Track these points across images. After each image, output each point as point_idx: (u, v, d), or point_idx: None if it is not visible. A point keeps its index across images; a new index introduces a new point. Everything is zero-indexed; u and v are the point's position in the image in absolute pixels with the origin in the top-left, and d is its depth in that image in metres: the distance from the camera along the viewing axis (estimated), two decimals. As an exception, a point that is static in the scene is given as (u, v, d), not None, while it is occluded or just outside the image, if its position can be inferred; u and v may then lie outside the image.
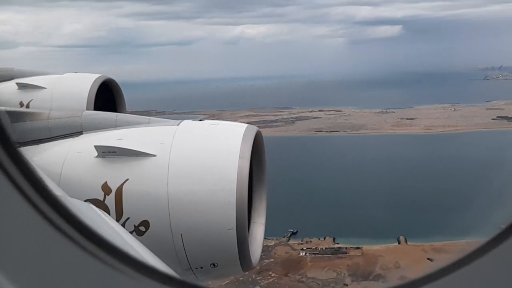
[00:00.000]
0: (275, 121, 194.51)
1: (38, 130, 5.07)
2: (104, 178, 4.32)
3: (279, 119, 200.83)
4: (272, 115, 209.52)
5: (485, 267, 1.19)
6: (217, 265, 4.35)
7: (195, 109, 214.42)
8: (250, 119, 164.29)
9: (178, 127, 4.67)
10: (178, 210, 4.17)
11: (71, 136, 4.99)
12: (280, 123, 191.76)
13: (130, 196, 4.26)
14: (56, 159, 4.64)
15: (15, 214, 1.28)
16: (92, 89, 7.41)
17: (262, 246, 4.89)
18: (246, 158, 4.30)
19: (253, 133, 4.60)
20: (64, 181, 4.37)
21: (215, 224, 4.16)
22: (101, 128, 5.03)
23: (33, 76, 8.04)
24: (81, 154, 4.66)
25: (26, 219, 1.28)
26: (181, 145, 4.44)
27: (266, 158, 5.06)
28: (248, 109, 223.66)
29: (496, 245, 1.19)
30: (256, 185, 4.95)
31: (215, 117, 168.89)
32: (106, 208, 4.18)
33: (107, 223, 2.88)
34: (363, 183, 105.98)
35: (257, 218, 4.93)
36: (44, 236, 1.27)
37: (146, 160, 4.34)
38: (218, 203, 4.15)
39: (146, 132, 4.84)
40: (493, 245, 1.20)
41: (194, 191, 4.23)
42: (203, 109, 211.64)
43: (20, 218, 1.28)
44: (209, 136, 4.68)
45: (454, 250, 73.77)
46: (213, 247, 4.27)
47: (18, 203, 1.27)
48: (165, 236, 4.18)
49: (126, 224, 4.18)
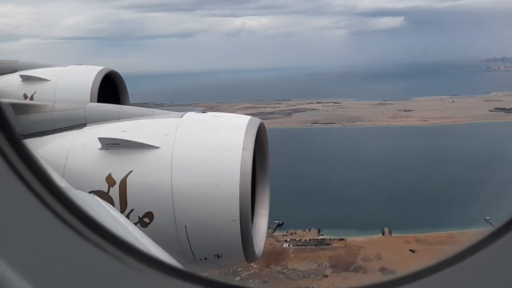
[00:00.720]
0: (272, 113, 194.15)
1: (42, 122, 5.13)
2: (108, 170, 4.35)
3: (276, 111, 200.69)
4: (270, 107, 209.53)
5: (483, 262, 1.19)
6: (221, 256, 4.39)
7: (194, 101, 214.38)
8: (248, 111, 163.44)
9: (182, 119, 4.69)
10: (182, 202, 4.20)
11: (75, 128, 5.03)
12: (277, 115, 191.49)
13: (134, 187, 4.29)
14: (60, 151, 4.68)
15: (20, 206, 1.28)
16: (96, 81, 7.42)
17: (265, 237, 4.92)
18: (249, 150, 4.32)
19: (256, 125, 4.63)
20: (69, 173, 4.42)
21: (218, 216, 4.20)
22: (104, 120, 5.06)
23: (36, 68, 8.08)
24: (85, 146, 4.69)
25: (31, 211, 1.28)
26: (185, 137, 4.47)
27: (269, 150, 5.10)
28: (247, 101, 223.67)
29: (494, 240, 1.19)
30: (259, 177, 4.98)
31: (213, 109, 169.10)
32: (111, 199, 4.21)
33: (111, 214, 2.89)
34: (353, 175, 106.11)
35: (260, 210, 4.96)
36: (49, 228, 1.28)
37: (150, 152, 4.36)
38: (222, 195, 4.17)
39: (150, 124, 4.86)
40: (492, 240, 1.20)
41: (198, 183, 4.27)
42: (201, 101, 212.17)
43: (25, 210, 1.29)
44: (212, 128, 4.71)
45: (436, 241, 73.99)
46: (217, 238, 4.29)
47: (23, 195, 1.27)
48: (169, 227, 4.20)
49: (130, 216, 4.21)
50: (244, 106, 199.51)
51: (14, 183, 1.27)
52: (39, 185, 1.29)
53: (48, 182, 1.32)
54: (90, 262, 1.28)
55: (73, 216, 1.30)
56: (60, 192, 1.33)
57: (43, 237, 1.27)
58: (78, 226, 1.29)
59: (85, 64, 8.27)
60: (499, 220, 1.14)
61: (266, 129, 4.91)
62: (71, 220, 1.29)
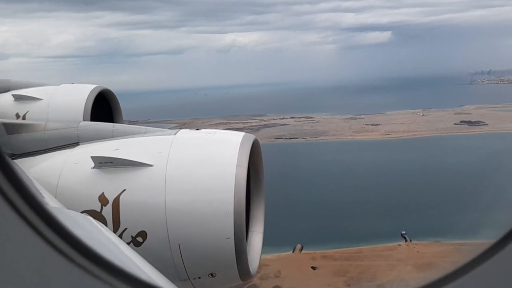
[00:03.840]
0: (242, 129, 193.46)
1: (35, 142, 5.09)
2: (101, 189, 4.32)
3: (246, 126, 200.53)
4: (242, 122, 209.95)
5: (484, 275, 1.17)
6: (215, 275, 4.33)
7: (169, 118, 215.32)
8: (219, 127, 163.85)
9: (175, 137, 4.67)
10: (175, 220, 4.15)
11: (68, 147, 4.99)
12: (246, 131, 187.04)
13: (127, 206, 4.24)
14: (52, 171, 4.64)
15: (5, 227, 1.25)
16: (89, 100, 7.39)
17: (260, 254, 4.85)
18: (244, 166, 4.28)
19: (250, 142, 4.60)
20: (61, 193, 4.39)
21: (213, 234, 4.15)
22: (98, 139, 5.03)
23: (29, 87, 8.03)
24: (77, 165, 4.64)
25: (17, 232, 1.25)
26: (178, 155, 4.43)
27: (264, 166, 5.07)
28: (221, 117, 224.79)
29: (495, 253, 1.18)
30: (254, 194, 4.95)
31: (185, 125, 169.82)
32: (103, 219, 4.17)
33: (104, 234, 2.86)
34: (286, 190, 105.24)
35: (255, 227, 4.91)
36: (34, 250, 1.24)
37: (143, 170, 4.33)
38: (216, 213, 4.12)
39: (143, 142, 4.82)
40: (493, 252, 1.18)
41: (192, 201, 4.21)
42: (177, 118, 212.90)
43: (10, 231, 1.25)
44: (206, 145, 4.66)
45: (343, 257, 72.91)
46: (211, 257, 4.24)
47: (8, 216, 1.24)
48: (162, 246, 4.16)
49: (123, 235, 4.17)
50: (216, 122, 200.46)
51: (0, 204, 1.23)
52: (25, 206, 1.26)
53: (35, 203, 1.28)
54: (76, 286, 1.24)
55: (60, 238, 1.26)
56: (47, 213, 1.29)
57: (28, 260, 1.23)
58: (65, 248, 1.25)
59: (77, 82, 8.34)
60: (414, 233, 1.14)
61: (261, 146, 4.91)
62: (58, 242, 1.25)
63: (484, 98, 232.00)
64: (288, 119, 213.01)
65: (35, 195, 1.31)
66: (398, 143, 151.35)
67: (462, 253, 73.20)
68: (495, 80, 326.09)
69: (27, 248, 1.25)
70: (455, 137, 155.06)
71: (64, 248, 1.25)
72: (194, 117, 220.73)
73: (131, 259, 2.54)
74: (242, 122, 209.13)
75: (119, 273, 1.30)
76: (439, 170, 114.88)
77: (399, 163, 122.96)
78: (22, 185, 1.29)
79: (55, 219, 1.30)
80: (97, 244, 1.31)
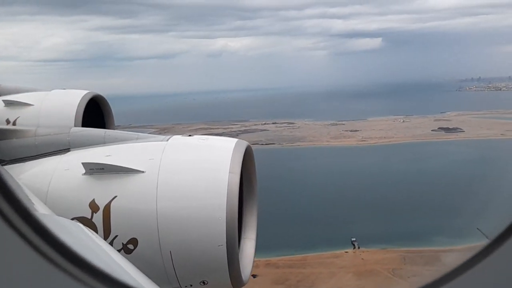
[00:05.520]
0: (221, 134, 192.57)
1: (25, 148, 5.07)
2: (91, 196, 4.25)
3: (226, 132, 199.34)
4: (223, 128, 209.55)
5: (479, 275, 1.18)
6: (207, 282, 4.29)
7: (152, 123, 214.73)
8: (199, 132, 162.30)
9: (167, 143, 4.61)
10: (167, 227, 4.10)
11: (59, 153, 4.93)
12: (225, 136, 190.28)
13: (118, 213, 4.18)
14: (43, 177, 4.57)
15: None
16: (80, 105, 7.35)
17: (253, 261, 4.77)
18: (236, 173, 4.24)
19: (243, 148, 4.55)
20: (51, 199, 4.31)
21: (205, 241, 4.10)
22: (89, 145, 4.98)
23: (20, 93, 7.99)
24: (68, 171, 4.58)
25: (4, 240, 1.22)
26: (170, 161, 4.38)
27: (257, 173, 5.02)
28: (204, 122, 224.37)
29: (491, 252, 1.18)
30: (246, 200, 4.93)
31: (165, 130, 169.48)
32: (94, 226, 4.11)
33: (94, 241, 2.84)
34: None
35: (247, 233, 4.86)
36: (23, 259, 1.22)
37: (135, 176, 4.27)
38: (208, 219, 4.08)
39: (135, 148, 4.77)
40: (488, 251, 1.18)
41: (184, 207, 4.16)
42: (159, 123, 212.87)
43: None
44: (198, 151, 4.62)
45: (286, 265, 71.88)
46: (203, 264, 4.18)
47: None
48: (154, 254, 4.11)
49: (114, 242, 4.11)
50: (197, 128, 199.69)
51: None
52: (12, 212, 1.24)
53: (22, 209, 1.26)
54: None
55: (48, 245, 1.24)
56: (35, 220, 1.27)
57: (16, 269, 1.21)
58: (54, 256, 1.23)
59: (68, 85, 8.23)
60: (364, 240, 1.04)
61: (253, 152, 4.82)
62: (46, 249, 1.23)
63: (467, 105, 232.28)
64: (270, 124, 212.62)
65: (23, 202, 1.28)
66: (372, 149, 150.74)
67: (407, 261, 72.27)
68: (483, 87, 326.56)
69: (15, 256, 1.21)
70: (429, 143, 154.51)
71: (53, 255, 1.23)
72: (176, 122, 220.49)
73: (122, 266, 2.50)
74: (223, 128, 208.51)
75: (109, 280, 1.28)
76: (405, 176, 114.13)
77: (367, 169, 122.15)
78: (9, 191, 1.26)
79: (43, 226, 1.27)
80: (88, 251, 1.32)
